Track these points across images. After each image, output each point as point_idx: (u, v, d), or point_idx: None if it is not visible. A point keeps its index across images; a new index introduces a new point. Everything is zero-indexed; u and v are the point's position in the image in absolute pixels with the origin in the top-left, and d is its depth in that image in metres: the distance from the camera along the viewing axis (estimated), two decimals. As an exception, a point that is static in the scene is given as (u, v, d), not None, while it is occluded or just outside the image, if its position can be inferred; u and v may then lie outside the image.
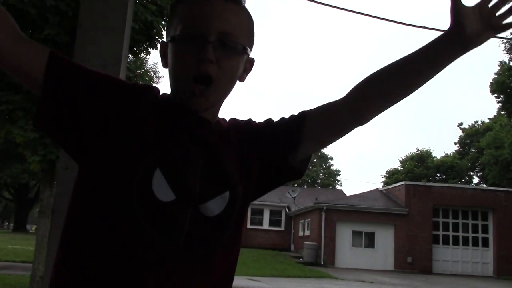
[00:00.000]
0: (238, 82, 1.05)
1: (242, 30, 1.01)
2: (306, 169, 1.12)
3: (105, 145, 0.94)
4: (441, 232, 22.91)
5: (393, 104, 1.06)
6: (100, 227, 0.91)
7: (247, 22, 1.03)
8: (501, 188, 25.12)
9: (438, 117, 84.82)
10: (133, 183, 0.91)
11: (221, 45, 0.95)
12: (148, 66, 24.64)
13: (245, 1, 1.03)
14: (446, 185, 26.05)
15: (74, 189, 0.97)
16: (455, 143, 45.68)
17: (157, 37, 8.51)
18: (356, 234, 22.86)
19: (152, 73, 26.23)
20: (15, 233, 32.88)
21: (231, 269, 1.02)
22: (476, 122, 44.86)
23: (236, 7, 1.00)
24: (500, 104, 27.93)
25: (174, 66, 0.99)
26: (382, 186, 32.09)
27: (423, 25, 7.16)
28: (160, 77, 28.83)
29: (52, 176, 8.25)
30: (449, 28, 0.96)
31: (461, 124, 45.79)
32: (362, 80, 1.06)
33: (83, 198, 0.95)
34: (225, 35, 0.96)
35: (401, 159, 47.02)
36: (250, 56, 1.07)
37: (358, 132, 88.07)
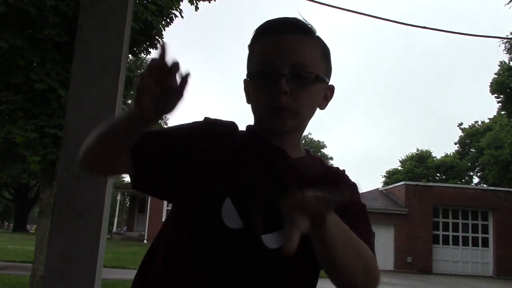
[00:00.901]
0: (319, 110, 1.10)
1: (315, 60, 1.04)
2: None
3: (191, 185, 1.02)
4: (441, 232, 22.91)
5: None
6: (176, 247, 1.01)
7: (320, 52, 1.07)
8: (501, 188, 25.12)
9: (438, 117, 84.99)
10: (204, 211, 0.98)
11: (294, 77, 1.00)
12: (148, 66, 24.60)
13: (316, 32, 1.07)
14: (446, 185, 26.05)
15: (167, 217, 1.11)
16: (455, 143, 45.68)
17: (157, 37, 8.51)
18: (356, 234, 22.83)
19: (152, 73, 26.20)
20: (15, 233, 32.89)
21: None
22: (476, 122, 44.84)
23: (307, 39, 1.05)
24: (500, 104, 27.92)
25: (254, 101, 1.06)
26: (382, 186, 32.09)
27: (423, 25, 7.15)
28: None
29: (52, 176, 8.24)
30: None
31: (461, 124, 45.75)
32: None
33: (171, 225, 1.06)
34: (298, 67, 1.01)
35: (401, 159, 47.02)
36: (330, 83, 1.10)
37: (358, 132, 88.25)
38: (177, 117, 1.06)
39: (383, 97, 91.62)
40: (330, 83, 1.11)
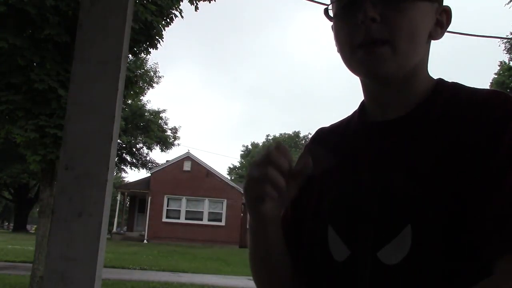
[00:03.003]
0: (432, 42, 0.78)
1: None
2: None
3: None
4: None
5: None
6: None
7: None
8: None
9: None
10: (314, 248, 0.82)
11: None
12: (148, 66, 24.67)
13: None
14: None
15: None
16: (455, 143, 45.69)
17: (157, 37, 8.51)
18: (356, 234, 22.84)
19: (152, 73, 26.26)
20: (15, 233, 32.91)
21: None
22: (476, 122, 44.87)
23: None
24: (500, 104, 27.90)
25: (337, 44, 0.78)
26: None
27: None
28: (160, 77, 28.89)
29: (52, 176, 8.25)
30: None
31: (461, 124, 45.78)
32: None
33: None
34: None
35: (401, 159, 47.02)
36: (443, 4, 0.80)
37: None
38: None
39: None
40: (444, 4, 0.80)
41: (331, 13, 0.78)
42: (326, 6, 0.78)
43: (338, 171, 0.81)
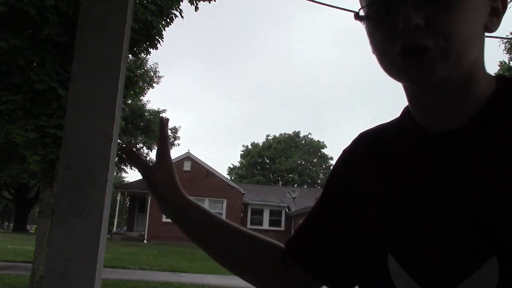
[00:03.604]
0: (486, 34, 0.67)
1: None
2: None
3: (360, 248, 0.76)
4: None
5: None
6: None
7: None
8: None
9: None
10: (374, 279, 0.72)
11: None
12: (148, 66, 24.67)
13: None
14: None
15: None
16: (455, 143, 45.63)
17: (157, 37, 8.51)
18: (356, 234, 22.84)
19: (152, 73, 26.26)
20: (15, 233, 32.90)
21: None
22: (476, 122, 44.82)
23: None
24: (500, 104, 27.88)
25: (374, 52, 0.66)
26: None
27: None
28: (160, 77, 28.87)
29: (52, 176, 8.25)
30: None
31: (461, 124, 45.71)
32: None
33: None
34: None
35: (401, 159, 46.98)
36: None
37: (357, 131, 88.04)
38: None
39: (385, 97, 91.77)
40: None
41: (362, 14, 0.67)
42: (356, 11, 0.68)
43: (392, 188, 0.71)
